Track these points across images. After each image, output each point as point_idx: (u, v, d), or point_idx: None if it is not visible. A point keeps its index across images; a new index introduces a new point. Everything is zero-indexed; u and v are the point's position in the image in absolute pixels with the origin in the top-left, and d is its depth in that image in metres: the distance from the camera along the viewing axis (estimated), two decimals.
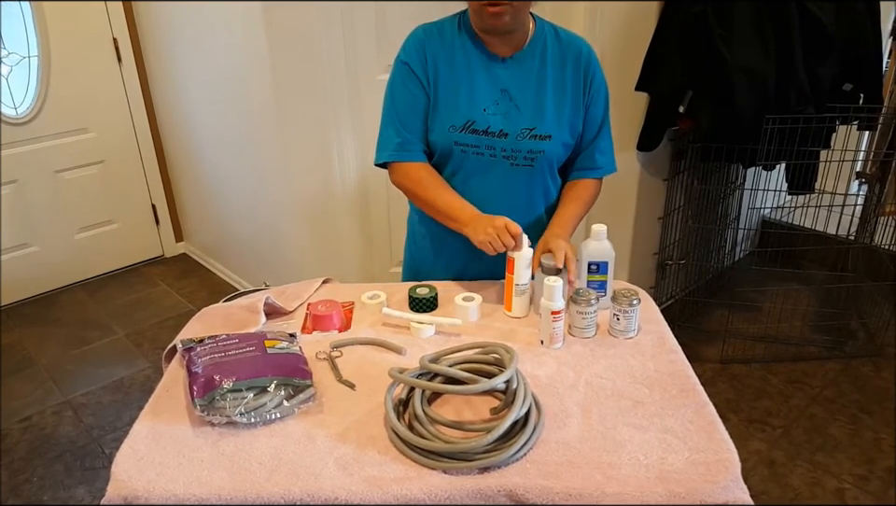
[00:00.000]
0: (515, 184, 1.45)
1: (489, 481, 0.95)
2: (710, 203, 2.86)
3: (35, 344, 2.90)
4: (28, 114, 3.04)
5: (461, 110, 1.39)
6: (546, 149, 1.41)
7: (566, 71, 1.41)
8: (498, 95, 1.40)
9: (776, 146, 2.25)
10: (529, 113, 1.40)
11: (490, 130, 1.39)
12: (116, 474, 0.98)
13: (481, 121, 1.39)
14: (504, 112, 1.40)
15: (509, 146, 1.40)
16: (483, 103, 1.40)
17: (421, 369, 1.11)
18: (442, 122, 1.41)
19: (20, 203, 3.12)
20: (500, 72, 1.40)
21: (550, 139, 1.41)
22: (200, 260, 3.63)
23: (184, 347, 1.19)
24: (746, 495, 0.95)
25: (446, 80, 1.40)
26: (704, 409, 1.09)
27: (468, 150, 1.41)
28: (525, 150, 1.41)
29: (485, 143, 1.40)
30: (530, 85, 1.40)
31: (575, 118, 1.43)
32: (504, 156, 1.41)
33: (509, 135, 1.40)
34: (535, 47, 1.40)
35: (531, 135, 1.40)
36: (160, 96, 3.33)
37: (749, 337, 2.73)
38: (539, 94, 1.40)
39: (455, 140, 1.40)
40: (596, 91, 1.44)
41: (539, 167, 1.44)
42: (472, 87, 1.39)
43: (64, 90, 3.10)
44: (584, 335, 1.28)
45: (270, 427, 1.06)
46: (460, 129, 1.40)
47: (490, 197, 1.44)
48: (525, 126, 1.40)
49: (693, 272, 2.95)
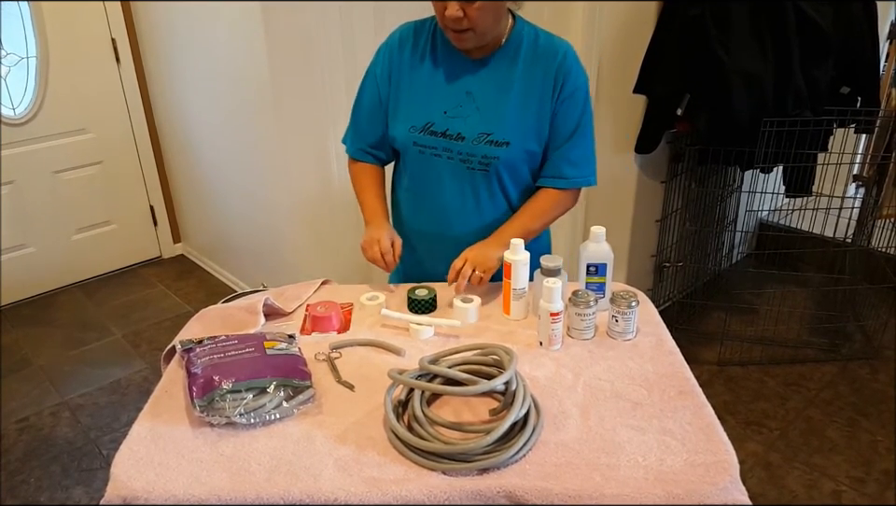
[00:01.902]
0: (470, 187, 1.44)
1: (488, 482, 0.95)
2: (708, 206, 2.87)
3: (32, 345, 2.89)
4: (26, 114, 3.03)
5: (421, 111, 1.40)
6: (501, 156, 1.39)
7: (536, 75, 1.37)
8: (462, 98, 1.39)
9: (773, 148, 2.26)
10: (489, 118, 1.38)
11: (448, 132, 1.39)
12: (115, 475, 0.98)
13: (439, 123, 1.39)
14: (465, 115, 1.39)
15: (465, 149, 1.40)
16: (445, 105, 1.39)
17: (420, 370, 1.11)
18: (404, 122, 1.42)
19: (17, 204, 3.11)
20: (468, 74, 1.39)
21: (507, 146, 1.38)
22: (198, 261, 3.62)
23: (183, 348, 1.19)
24: (744, 496, 0.95)
25: (412, 81, 1.41)
26: (702, 410, 1.09)
27: (426, 151, 1.42)
28: (479, 155, 1.39)
29: (443, 145, 1.40)
30: (495, 89, 1.38)
31: (542, 124, 1.39)
32: (460, 159, 1.41)
33: (465, 139, 1.39)
34: (508, 49, 1.38)
35: (487, 141, 1.38)
36: (158, 97, 3.33)
37: (746, 339, 2.73)
38: (503, 99, 1.38)
39: (414, 140, 1.42)
40: (568, 97, 1.38)
41: (494, 173, 1.42)
42: (435, 89, 1.40)
43: (63, 90, 3.10)
44: (583, 337, 1.28)
45: (269, 428, 1.06)
46: (419, 130, 1.41)
47: (445, 199, 1.46)
48: (482, 130, 1.38)
49: (690, 274, 2.96)
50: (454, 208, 1.46)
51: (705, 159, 2.50)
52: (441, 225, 1.49)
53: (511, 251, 1.32)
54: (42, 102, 3.06)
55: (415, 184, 1.49)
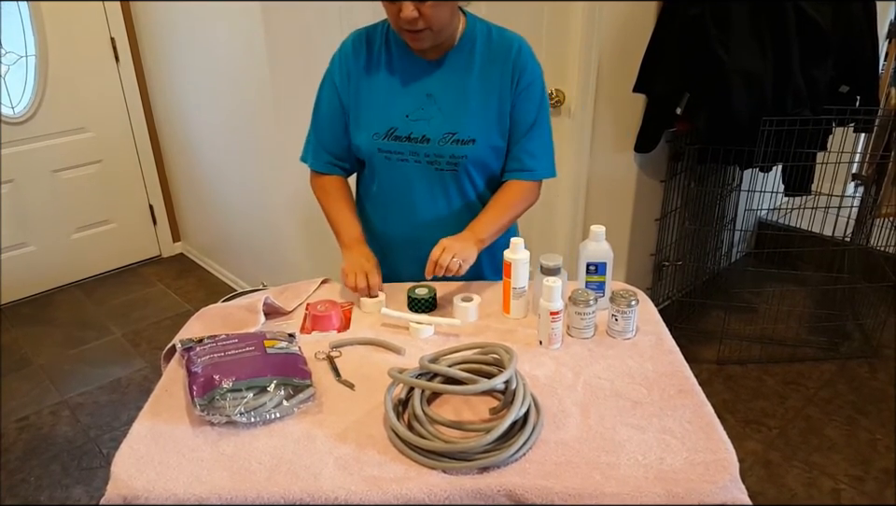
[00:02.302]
0: (440, 189, 1.44)
1: (488, 481, 0.95)
2: (707, 205, 2.87)
3: (31, 344, 2.89)
4: (25, 113, 3.03)
5: (383, 117, 1.39)
6: (469, 154, 1.39)
7: (493, 70, 1.37)
8: (423, 100, 1.39)
9: (772, 147, 2.26)
10: (452, 117, 1.38)
11: (412, 136, 1.39)
12: (115, 474, 0.98)
13: (403, 128, 1.39)
14: (428, 117, 1.38)
15: (431, 151, 1.39)
16: (406, 109, 1.39)
17: (420, 369, 1.11)
18: (367, 130, 1.41)
19: (17, 203, 3.11)
20: (426, 76, 1.39)
21: (473, 143, 1.38)
22: (197, 260, 3.62)
23: (183, 347, 1.19)
24: (744, 495, 0.96)
25: (371, 88, 1.40)
26: (702, 409, 1.09)
27: (392, 157, 1.41)
28: (447, 155, 1.39)
29: (409, 149, 1.40)
30: (455, 88, 1.38)
31: (503, 118, 1.40)
32: (428, 161, 1.41)
33: (431, 140, 1.38)
34: (463, 47, 1.38)
35: (453, 140, 1.38)
36: (157, 96, 3.33)
37: (745, 338, 2.73)
38: (464, 97, 1.38)
39: (379, 147, 1.41)
40: (525, 89, 1.38)
41: (463, 171, 1.42)
42: (395, 93, 1.39)
43: (62, 89, 3.09)
44: (583, 336, 1.29)
45: (269, 426, 1.06)
46: (383, 136, 1.40)
47: (416, 203, 1.45)
48: (447, 131, 1.38)
49: (689, 273, 2.96)
50: (426, 211, 1.46)
51: (704, 158, 2.50)
52: (414, 229, 1.48)
53: (511, 250, 1.32)
54: (41, 101, 3.05)
55: (384, 191, 1.47)
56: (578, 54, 2.24)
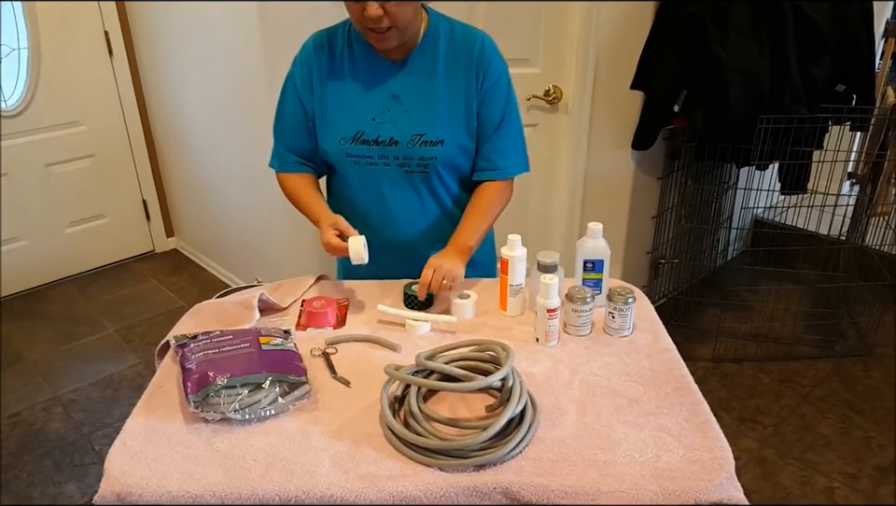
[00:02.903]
0: (412, 191, 1.43)
1: (485, 478, 0.94)
2: (704, 203, 2.87)
3: (24, 340, 2.87)
4: (18, 106, 3.01)
5: (349, 121, 1.37)
6: (438, 155, 1.38)
7: (458, 69, 1.35)
8: (389, 102, 1.37)
9: (769, 145, 2.26)
10: (419, 118, 1.36)
11: (380, 139, 1.37)
12: (109, 471, 0.97)
13: (370, 131, 1.37)
14: (395, 119, 1.37)
15: (401, 153, 1.38)
16: (373, 112, 1.37)
17: (417, 366, 1.10)
18: (333, 134, 1.39)
19: (9, 197, 3.08)
20: (390, 77, 1.37)
21: (442, 144, 1.37)
22: (191, 255, 3.61)
23: (177, 343, 1.18)
24: (740, 493, 0.95)
25: (334, 92, 1.38)
26: (698, 407, 1.09)
27: (360, 161, 1.40)
28: (416, 157, 1.38)
29: (377, 152, 1.38)
30: (421, 88, 1.36)
31: (470, 117, 1.38)
32: (398, 164, 1.39)
33: (399, 143, 1.37)
34: (426, 45, 1.36)
35: (421, 142, 1.37)
36: (151, 90, 3.30)
37: (740, 336, 2.74)
38: (430, 97, 1.36)
39: (347, 152, 1.39)
40: (491, 88, 1.36)
41: (433, 173, 1.41)
42: (361, 96, 1.37)
43: (55, 82, 3.07)
44: (579, 333, 1.28)
45: (264, 424, 1.05)
46: (350, 140, 1.38)
47: (388, 206, 1.44)
48: (416, 132, 1.36)
49: (685, 271, 2.96)
50: (399, 214, 1.45)
51: (701, 155, 2.50)
52: (388, 232, 1.46)
53: (508, 247, 1.32)
54: (34, 94, 3.03)
55: (355, 196, 1.45)
56: (575, 51, 2.23)
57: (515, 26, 2.25)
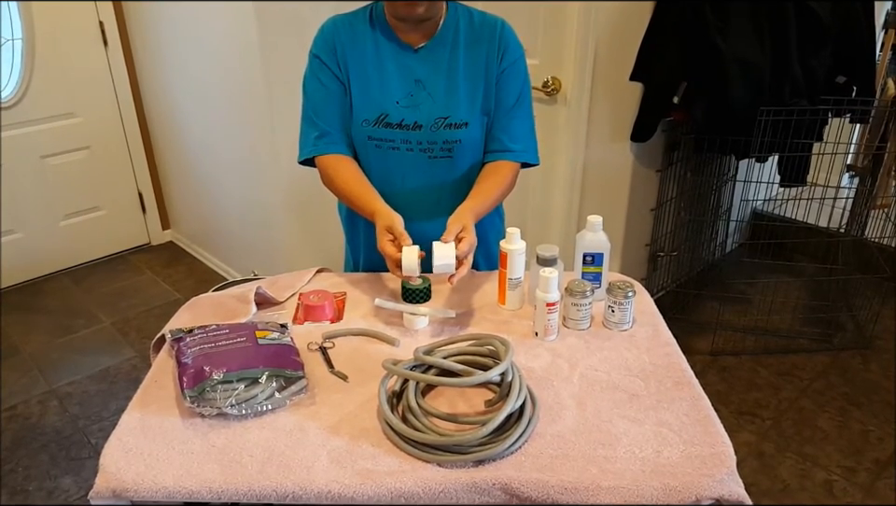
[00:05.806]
0: (436, 177, 1.41)
1: (484, 474, 0.94)
2: (703, 195, 2.86)
3: (19, 333, 2.86)
4: (12, 98, 2.98)
5: (373, 104, 1.36)
6: (463, 138, 1.37)
7: (479, 53, 1.36)
8: (412, 86, 1.36)
9: (769, 137, 2.25)
10: (442, 102, 1.36)
11: (404, 123, 1.36)
12: (104, 466, 0.96)
13: (394, 114, 1.36)
14: (417, 103, 1.36)
15: (424, 138, 1.37)
16: (396, 95, 1.36)
17: (415, 361, 1.09)
18: (356, 117, 1.38)
19: (4, 189, 3.06)
20: (413, 62, 1.36)
21: (466, 126, 1.37)
22: (187, 248, 3.59)
23: (173, 337, 1.17)
24: (741, 488, 0.95)
25: (358, 74, 1.37)
26: (699, 402, 1.08)
27: (382, 145, 1.38)
28: (440, 141, 1.37)
29: (400, 136, 1.37)
30: (442, 73, 1.36)
31: (489, 98, 1.38)
32: (421, 149, 1.38)
33: (423, 127, 1.36)
34: (447, 33, 1.36)
35: (445, 125, 1.36)
36: (147, 82, 3.28)
37: (739, 329, 2.73)
38: (452, 81, 1.36)
39: (369, 135, 1.37)
40: (510, 66, 1.37)
41: (458, 157, 1.40)
42: (384, 79, 1.36)
43: (50, 73, 3.04)
44: (579, 327, 1.27)
45: (261, 419, 1.04)
46: (373, 123, 1.36)
47: (412, 192, 1.42)
48: (439, 115, 1.36)
49: (684, 263, 2.95)
50: (418, 201, 1.43)
51: (700, 147, 2.49)
52: (406, 220, 1.42)
53: (508, 241, 1.30)
54: (29, 85, 3.00)
55: (375, 182, 1.42)
56: (574, 42, 2.21)
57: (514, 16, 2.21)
